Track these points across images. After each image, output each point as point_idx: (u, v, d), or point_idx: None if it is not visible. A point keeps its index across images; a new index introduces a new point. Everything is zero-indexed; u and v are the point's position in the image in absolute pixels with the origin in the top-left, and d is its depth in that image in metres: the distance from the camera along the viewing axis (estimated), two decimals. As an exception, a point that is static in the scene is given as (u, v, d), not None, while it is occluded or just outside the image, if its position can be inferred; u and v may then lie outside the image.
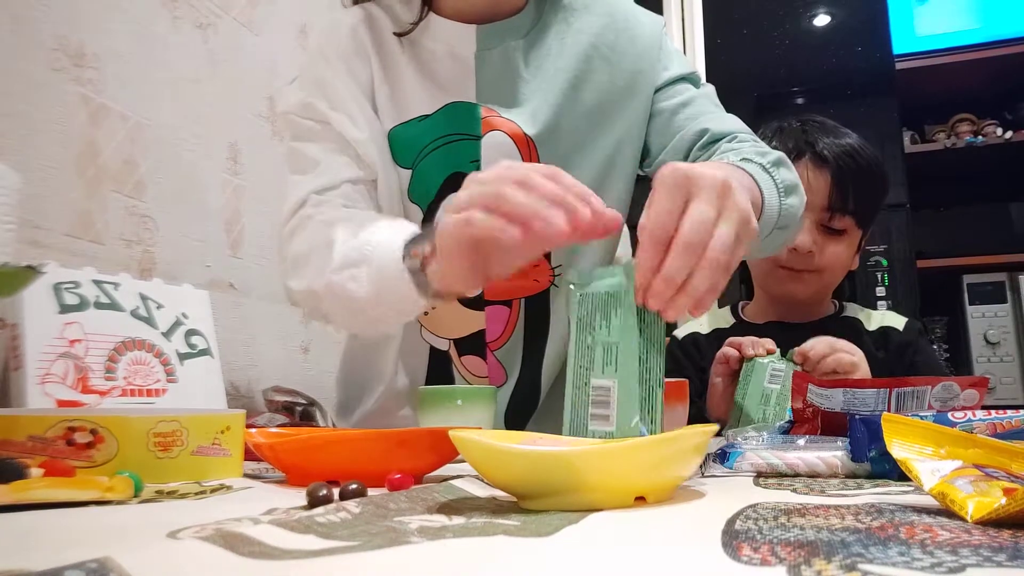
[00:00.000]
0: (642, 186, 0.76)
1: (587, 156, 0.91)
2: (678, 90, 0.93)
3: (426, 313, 0.91)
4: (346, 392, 1.03)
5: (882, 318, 1.20)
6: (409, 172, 0.89)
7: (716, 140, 0.86)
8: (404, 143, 0.89)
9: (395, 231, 0.71)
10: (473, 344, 0.93)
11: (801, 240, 1.10)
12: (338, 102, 0.88)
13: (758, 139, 0.86)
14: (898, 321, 1.19)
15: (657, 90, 0.93)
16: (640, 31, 0.94)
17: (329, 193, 0.85)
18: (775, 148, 1.17)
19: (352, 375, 1.02)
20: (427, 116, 0.89)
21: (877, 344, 1.16)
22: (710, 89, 0.96)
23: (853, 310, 1.22)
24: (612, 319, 0.54)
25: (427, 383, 0.95)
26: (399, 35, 0.90)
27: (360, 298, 0.72)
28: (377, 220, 0.76)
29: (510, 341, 0.93)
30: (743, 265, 1.23)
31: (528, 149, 0.89)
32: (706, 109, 0.92)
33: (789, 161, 0.79)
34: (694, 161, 0.86)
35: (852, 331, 1.17)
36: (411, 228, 0.72)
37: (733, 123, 0.89)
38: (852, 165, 1.12)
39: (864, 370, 0.92)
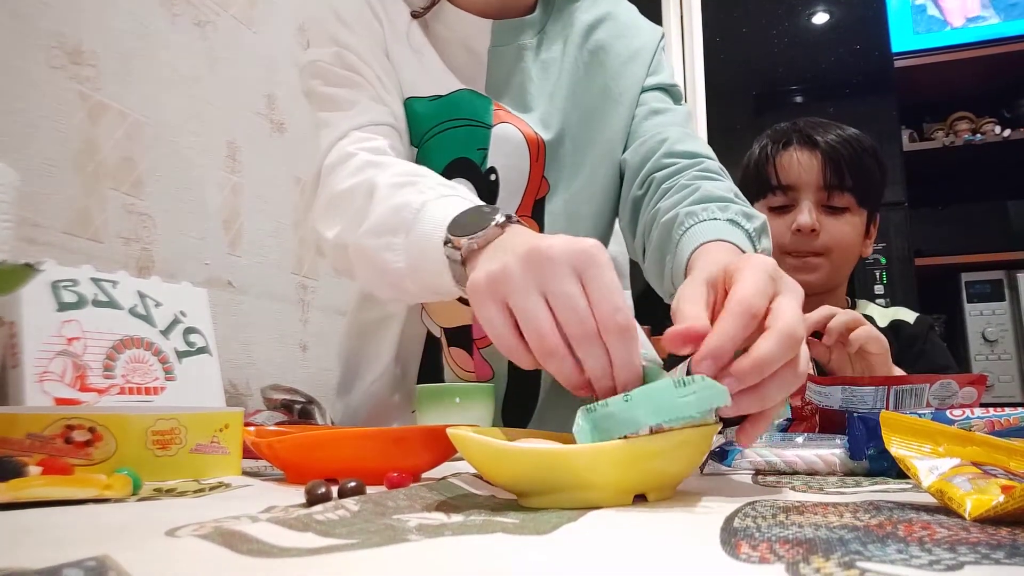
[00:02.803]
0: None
1: (584, 159, 0.91)
2: (657, 97, 0.94)
3: None
4: (345, 369, 1.03)
5: (894, 313, 1.21)
6: (415, 151, 0.88)
7: (677, 155, 0.84)
8: (414, 119, 0.88)
9: (444, 199, 0.63)
10: (461, 337, 0.92)
11: (802, 219, 1.11)
12: (366, 61, 0.85)
13: (724, 170, 0.83)
14: (909, 316, 1.20)
15: (640, 92, 0.94)
16: (637, 37, 0.96)
17: (371, 129, 0.81)
18: (763, 147, 1.19)
19: (351, 354, 1.02)
20: (439, 96, 0.88)
21: (888, 338, 1.17)
22: (688, 109, 0.96)
23: (866, 308, 1.23)
24: None
25: (420, 370, 0.95)
26: (414, 15, 0.89)
27: (394, 270, 0.65)
28: (426, 174, 0.70)
29: None
30: None
31: (538, 151, 0.89)
32: (675, 122, 0.91)
33: (768, 228, 0.75)
34: (652, 170, 0.84)
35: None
36: (461, 199, 0.63)
37: (698, 145, 0.87)
38: (844, 146, 1.14)
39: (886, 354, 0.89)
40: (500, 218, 0.56)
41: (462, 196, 0.64)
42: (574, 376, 0.47)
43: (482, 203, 0.61)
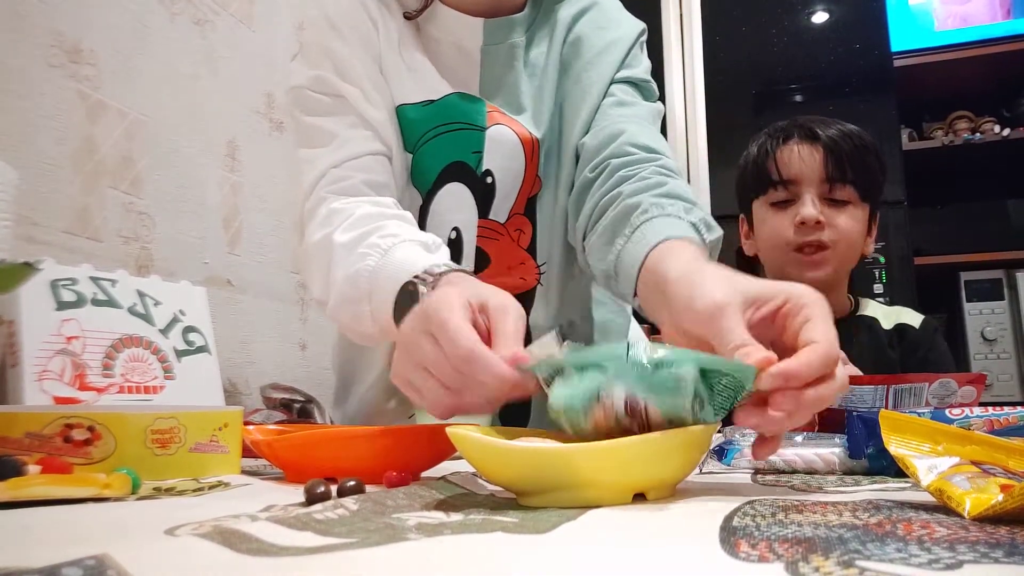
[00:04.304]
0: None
1: (565, 152, 0.91)
2: (624, 90, 0.91)
3: None
4: (340, 378, 1.03)
5: (898, 315, 1.20)
6: (410, 156, 0.88)
7: (635, 147, 0.82)
8: (407, 125, 0.87)
9: (389, 254, 0.69)
10: None
11: (806, 212, 1.10)
12: (352, 76, 0.85)
13: (680, 171, 0.82)
14: (914, 319, 1.19)
15: (610, 83, 0.92)
16: (615, 30, 0.94)
17: (348, 165, 0.82)
18: (762, 144, 1.19)
19: (344, 362, 1.02)
20: (432, 101, 0.87)
21: (892, 341, 1.16)
22: (658, 107, 0.94)
23: (869, 308, 1.21)
24: None
25: None
26: (407, 17, 0.88)
27: (372, 334, 0.72)
28: (373, 227, 0.74)
29: None
30: (753, 260, 1.23)
31: (532, 150, 0.89)
32: (639, 116, 0.89)
33: (720, 244, 0.74)
34: (608, 156, 0.83)
35: (868, 331, 1.17)
36: (405, 246, 0.70)
37: (657, 141, 0.85)
38: (845, 140, 1.13)
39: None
40: (424, 292, 0.63)
41: (404, 241, 0.70)
42: (485, 406, 0.52)
43: (416, 253, 0.68)
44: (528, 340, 0.67)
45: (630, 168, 0.80)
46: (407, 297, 0.65)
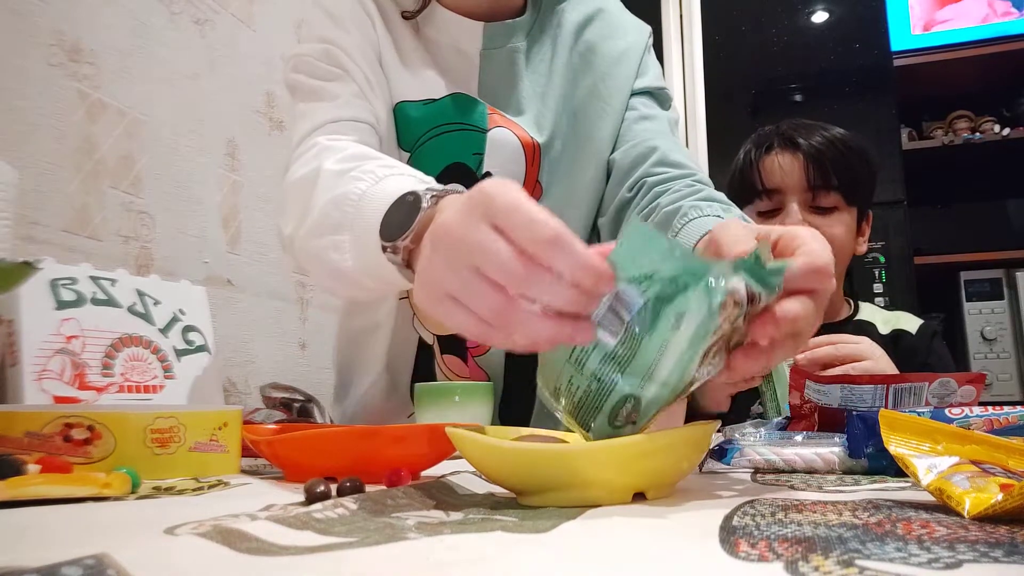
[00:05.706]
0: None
1: (573, 160, 0.91)
2: (644, 102, 0.94)
3: None
4: (340, 376, 1.03)
5: (896, 320, 1.19)
6: (407, 155, 0.87)
7: (669, 165, 0.86)
8: (407, 123, 0.87)
9: (382, 182, 0.60)
10: (455, 344, 0.92)
11: (789, 223, 1.11)
12: (355, 59, 0.83)
13: (708, 183, 0.85)
14: (911, 324, 1.18)
15: (630, 95, 0.94)
16: (624, 37, 0.95)
17: (346, 124, 0.78)
18: (747, 152, 1.19)
19: (343, 362, 1.02)
20: (433, 100, 0.87)
21: (888, 348, 1.16)
22: (675, 115, 0.96)
23: (867, 312, 1.21)
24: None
25: (412, 378, 0.94)
26: (405, 17, 0.88)
27: (345, 269, 0.62)
28: (369, 157, 0.68)
29: (492, 350, 0.91)
30: None
31: (533, 154, 0.89)
32: (663, 130, 0.92)
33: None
34: (643, 175, 0.86)
35: (864, 336, 1.17)
36: (399, 178, 0.60)
37: (688, 157, 0.89)
38: (827, 145, 1.13)
39: (876, 366, 0.90)
40: (427, 203, 0.52)
41: (401, 174, 0.61)
42: (554, 334, 0.40)
43: (414, 183, 0.57)
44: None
45: (664, 185, 0.83)
46: (403, 209, 0.54)
